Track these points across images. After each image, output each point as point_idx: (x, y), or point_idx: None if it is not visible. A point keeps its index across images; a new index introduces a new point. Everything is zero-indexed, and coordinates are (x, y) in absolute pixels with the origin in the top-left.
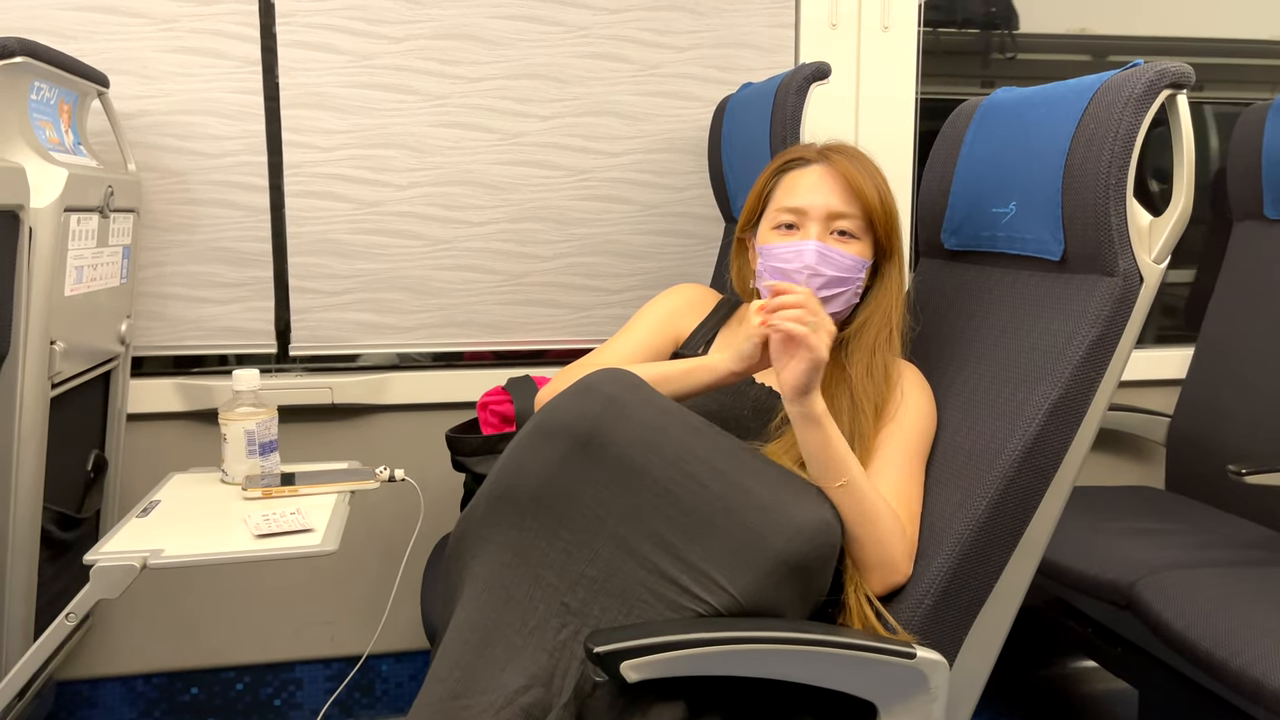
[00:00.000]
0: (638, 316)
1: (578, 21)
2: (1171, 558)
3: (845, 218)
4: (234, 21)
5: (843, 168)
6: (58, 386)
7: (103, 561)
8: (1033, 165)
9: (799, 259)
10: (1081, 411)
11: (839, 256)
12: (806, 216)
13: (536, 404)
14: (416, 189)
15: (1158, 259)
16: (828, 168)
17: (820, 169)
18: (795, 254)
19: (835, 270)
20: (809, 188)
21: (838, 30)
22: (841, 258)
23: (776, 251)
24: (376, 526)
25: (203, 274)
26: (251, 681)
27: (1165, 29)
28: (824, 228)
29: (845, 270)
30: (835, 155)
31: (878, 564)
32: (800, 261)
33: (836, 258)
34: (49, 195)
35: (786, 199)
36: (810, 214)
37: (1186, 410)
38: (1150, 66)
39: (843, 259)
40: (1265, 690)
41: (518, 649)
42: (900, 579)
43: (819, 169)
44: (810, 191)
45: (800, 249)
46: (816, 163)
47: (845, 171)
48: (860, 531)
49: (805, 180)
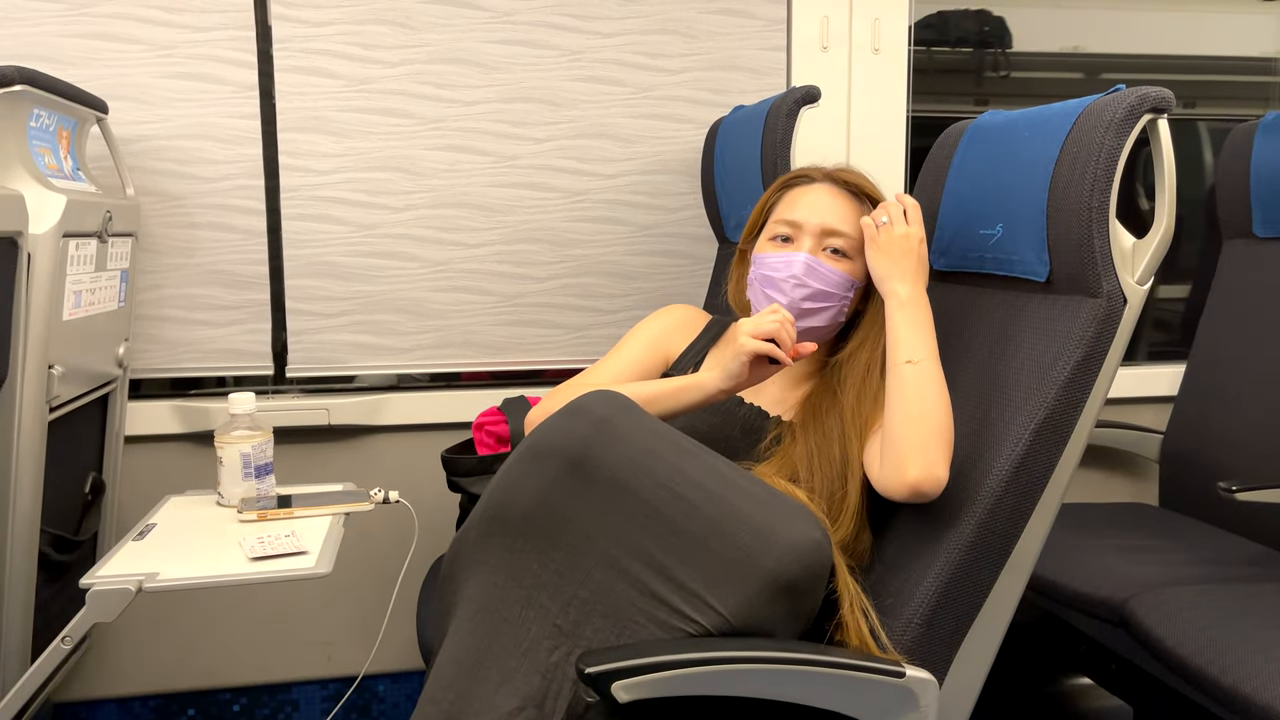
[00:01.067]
0: (629, 337)
1: (571, 45)
2: (1164, 574)
3: (840, 236)
4: (231, 47)
5: (849, 185)
6: (56, 410)
7: (99, 585)
8: (1019, 188)
9: (787, 269)
10: (1067, 431)
11: (827, 271)
12: (801, 230)
13: (527, 425)
14: (412, 211)
15: (1141, 280)
16: (832, 186)
17: (823, 187)
18: (785, 263)
19: (821, 284)
20: (809, 204)
21: (829, 53)
22: (830, 273)
23: (768, 260)
24: (372, 547)
25: (200, 297)
26: (248, 703)
27: (1157, 47)
28: (817, 243)
29: (832, 286)
30: (841, 175)
31: (920, 450)
32: (788, 271)
33: (825, 272)
34: (48, 222)
35: (786, 212)
36: (805, 228)
37: (1178, 427)
38: (1132, 91)
39: (831, 274)
40: (1255, 706)
41: (511, 670)
42: (940, 474)
43: (822, 187)
44: (809, 207)
45: (790, 259)
46: (821, 182)
47: (851, 187)
48: (915, 411)
49: (807, 197)
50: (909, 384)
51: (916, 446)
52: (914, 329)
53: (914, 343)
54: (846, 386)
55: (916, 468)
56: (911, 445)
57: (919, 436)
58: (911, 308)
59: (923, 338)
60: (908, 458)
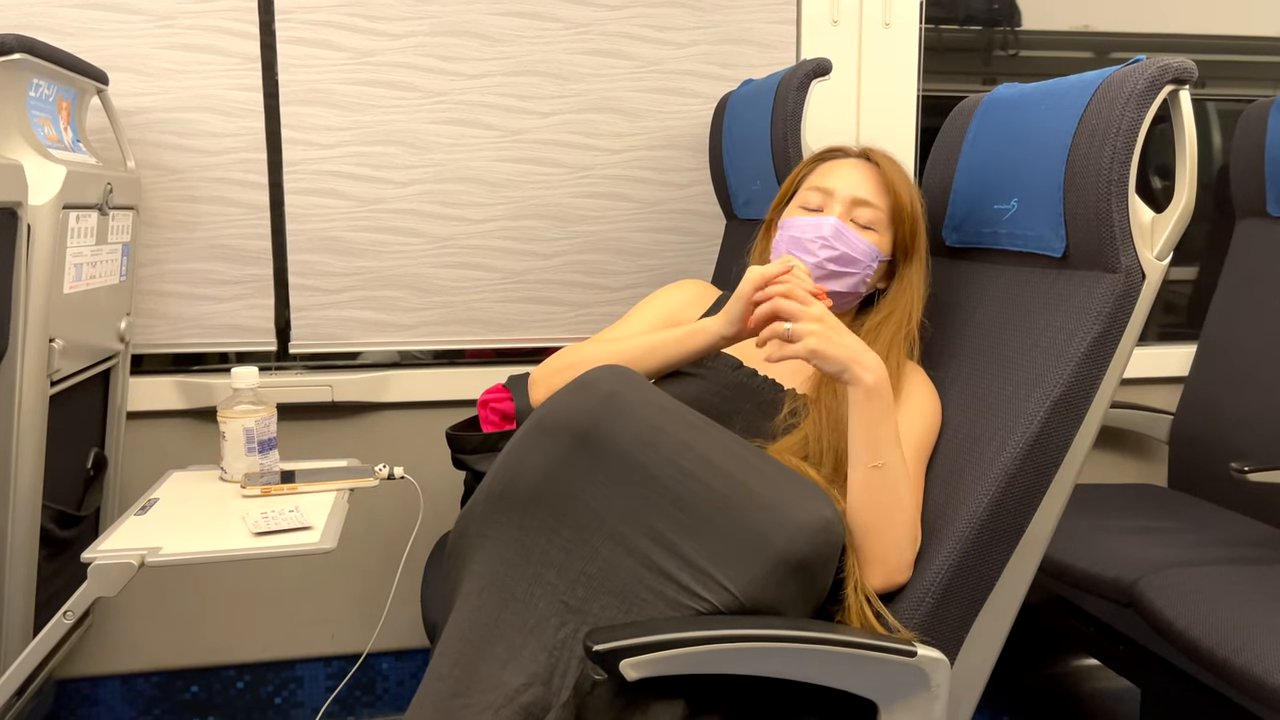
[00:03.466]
0: (643, 306)
1: (578, 18)
2: (1173, 556)
3: (870, 207)
4: (233, 18)
5: (880, 163)
6: (57, 384)
7: (101, 559)
8: (1034, 162)
9: (816, 230)
10: (1083, 409)
11: (855, 239)
12: (833, 197)
13: (531, 384)
14: (417, 186)
15: (1160, 255)
16: (865, 162)
17: (858, 162)
18: (814, 225)
19: (848, 249)
20: (842, 174)
21: (839, 27)
22: (857, 240)
23: (797, 223)
24: (377, 524)
25: (202, 271)
26: (252, 680)
27: (1168, 26)
28: (847, 211)
29: (858, 253)
30: (875, 154)
31: (882, 559)
32: (817, 232)
33: (852, 239)
34: (48, 192)
35: (818, 181)
36: (836, 195)
37: (1189, 408)
38: (1153, 62)
39: (858, 241)
40: (1267, 688)
41: (517, 647)
42: (901, 580)
43: (856, 161)
44: (842, 178)
45: (820, 222)
46: (856, 156)
47: (882, 165)
48: (879, 521)
49: (840, 168)
50: (873, 490)
51: (878, 555)
52: (883, 423)
53: (881, 440)
54: None
55: (879, 577)
56: (873, 554)
57: (879, 547)
58: (878, 396)
59: (890, 432)
60: (869, 565)
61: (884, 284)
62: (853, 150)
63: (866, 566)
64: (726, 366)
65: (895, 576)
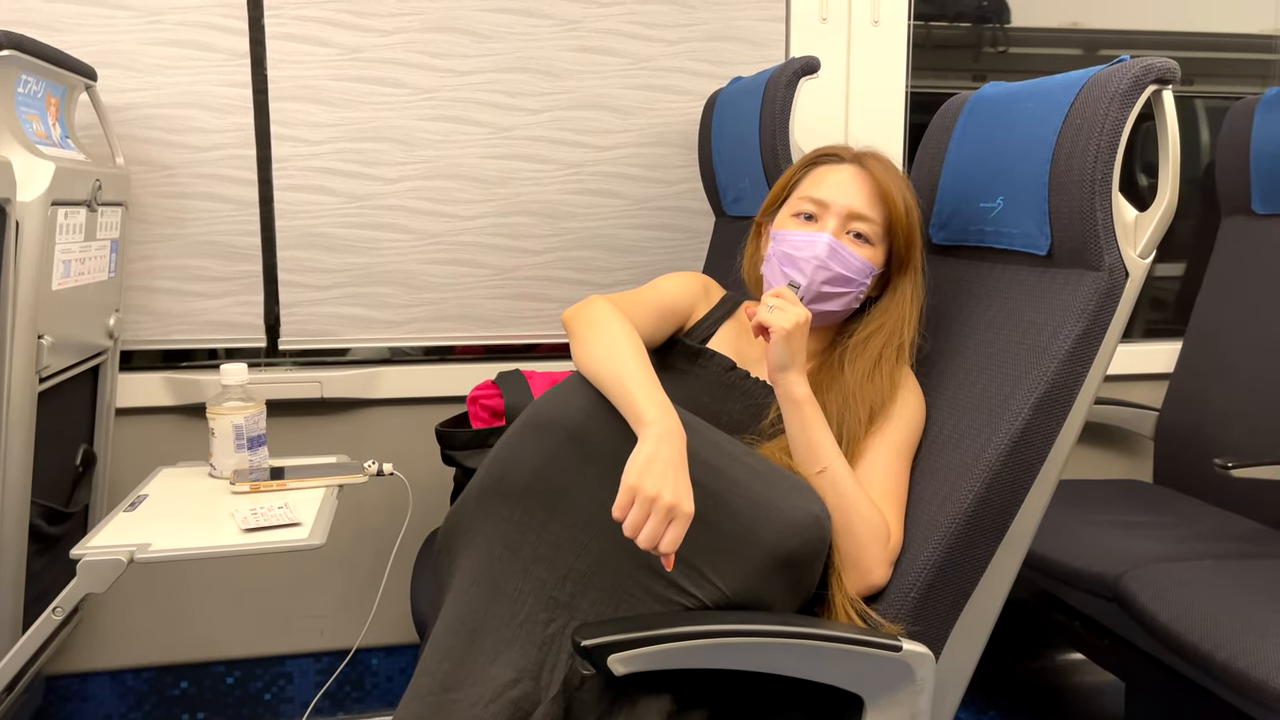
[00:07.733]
0: (660, 286)
1: (567, 15)
2: (1158, 551)
3: (865, 220)
4: (222, 14)
5: (875, 172)
6: (45, 380)
7: (90, 555)
8: (1020, 160)
9: (810, 249)
10: (1067, 405)
11: (849, 256)
12: (828, 210)
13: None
14: (406, 183)
15: (1143, 254)
16: (860, 170)
17: (852, 169)
18: (808, 243)
19: (842, 268)
20: (837, 184)
21: (828, 24)
22: (851, 258)
23: (790, 238)
24: (366, 520)
25: (191, 268)
26: (241, 675)
27: (1156, 23)
28: (841, 225)
29: (852, 271)
30: (870, 160)
31: (852, 564)
32: (811, 251)
33: (847, 257)
34: (36, 189)
35: (812, 189)
36: (832, 208)
37: (1174, 404)
38: (1136, 62)
39: (852, 259)
40: (1249, 682)
41: (507, 642)
42: (875, 583)
43: (851, 169)
44: (837, 188)
45: (814, 239)
46: (850, 163)
47: (877, 175)
48: (839, 523)
49: (835, 176)
50: (826, 495)
51: (850, 558)
52: (818, 428)
53: (818, 445)
54: (855, 368)
55: (853, 581)
56: (846, 557)
57: (851, 547)
58: (808, 405)
59: (825, 436)
60: (845, 570)
61: (876, 293)
62: (847, 155)
63: (843, 571)
64: (719, 367)
65: (866, 579)
